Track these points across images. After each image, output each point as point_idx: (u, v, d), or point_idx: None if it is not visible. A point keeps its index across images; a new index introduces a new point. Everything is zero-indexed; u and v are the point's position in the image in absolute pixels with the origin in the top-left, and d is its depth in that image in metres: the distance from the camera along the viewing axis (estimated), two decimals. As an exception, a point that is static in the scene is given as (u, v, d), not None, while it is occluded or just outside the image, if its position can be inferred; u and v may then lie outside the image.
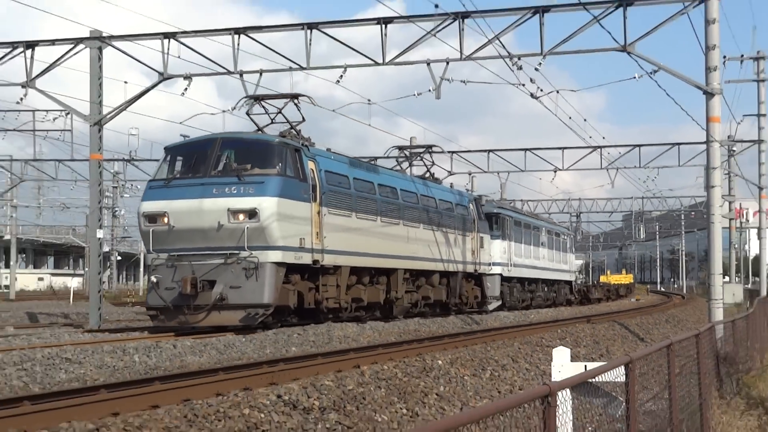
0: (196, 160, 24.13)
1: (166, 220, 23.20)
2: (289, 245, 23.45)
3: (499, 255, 42.52)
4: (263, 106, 28.00)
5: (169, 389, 12.68)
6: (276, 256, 22.91)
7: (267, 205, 22.68)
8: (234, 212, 22.66)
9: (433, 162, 40.34)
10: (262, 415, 10.69)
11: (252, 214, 22.52)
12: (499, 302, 42.09)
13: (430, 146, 40.80)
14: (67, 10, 45.53)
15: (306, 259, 24.31)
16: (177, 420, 9.61)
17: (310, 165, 25.09)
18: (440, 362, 16.46)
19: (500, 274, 42.30)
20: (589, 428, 11.31)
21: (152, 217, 23.53)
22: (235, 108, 28.71)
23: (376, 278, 29.43)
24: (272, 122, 27.86)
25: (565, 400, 7.66)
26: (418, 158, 39.84)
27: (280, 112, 27.91)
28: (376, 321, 27.70)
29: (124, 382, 13.34)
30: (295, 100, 28.02)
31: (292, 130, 27.17)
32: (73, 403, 11.22)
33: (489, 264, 40.43)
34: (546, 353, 18.34)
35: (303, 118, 28.05)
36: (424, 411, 13.53)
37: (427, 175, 38.95)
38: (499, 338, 23.36)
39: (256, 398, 11.22)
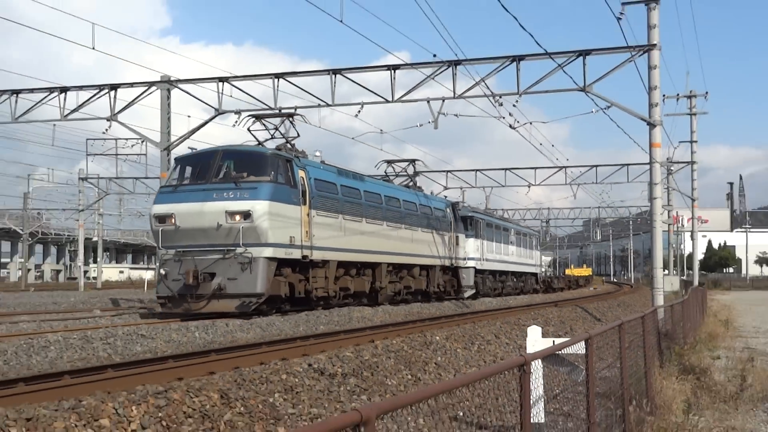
0: (201, 169, 23.01)
1: (173, 220, 22.20)
2: (279, 242, 22.31)
3: (473, 251, 41.13)
4: (263, 123, 27.02)
5: (222, 359, 12.74)
6: (267, 252, 21.82)
7: (259, 207, 21.63)
8: (231, 214, 21.63)
9: (416, 173, 39.11)
10: (297, 380, 10.71)
11: (246, 215, 21.55)
12: (473, 290, 40.92)
13: (413, 160, 39.25)
14: (143, 59, 45.40)
15: (296, 254, 23.12)
16: (229, 384, 9.64)
17: (301, 173, 23.85)
18: (438, 338, 16.46)
19: (474, 267, 40.99)
20: (557, 390, 11.32)
21: (161, 218, 22.50)
22: (235, 124, 28.48)
23: (362, 271, 28.16)
24: (272, 137, 26.84)
25: (537, 368, 7.67)
26: (402, 170, 38.43)
27: (277, 129, 26.84)
28: (363, 306, 26.77)
29: (187, 354, 13.40)
30: (290, 119, 27.08)
31: (287, 144, 26.20)
32: (147, 370, 11.29)
33: (464, 259, 39.24)
34: (522, 331, 18.29)
35: (297, 133, 27.12)
36: (425, 376, 13.54)
37: (411, 183, 37.73)
38: (484, 319, 23.35)
39: (291, 366, 11.24)
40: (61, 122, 31.66)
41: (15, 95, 31.10)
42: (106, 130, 32.05)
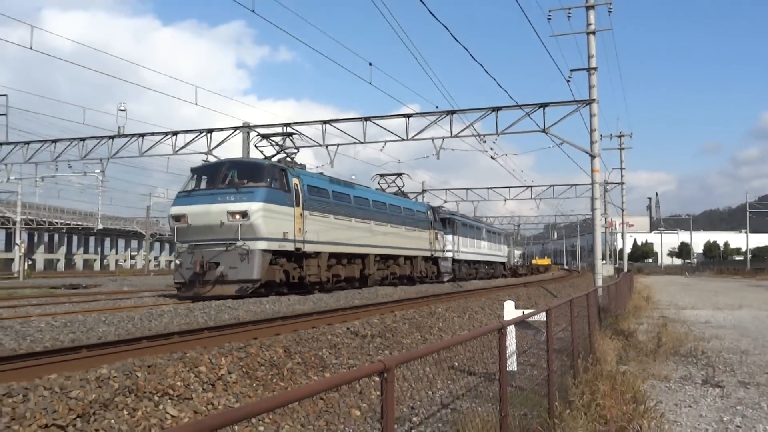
0: (210, 177, 20.98)
1: (186, 219, 20.23)
2: (273, 237, 20.13)
3: (450, 245, 38.84)
4: (269, 141, 25.03)
5: (285, 324, 12.74)
6: (262, 245, 19.72)
7: (255, 208, 19.63)
8: (231, 213, 19.64)
9: (404, 183, 36.31)
10: (338, 339, 10.70)
11: (244, 214, 19.55)
12: (451, 275, 38.36)
13: (400, 174, 35.61)
14: (230, 111, 45.73)
15: (289, 247, 20.90)
16: (290, 342, 9.65)
17: (294, 181, 21.57)
18: (440, 309, 16.39)
19: (451, 257, 38.89)
20: (525, 347, 11.24)
21: (177, 218, 20.43)
22: (251, 142, 28.33)
23: (353, 260, 25.73)
24: (280, 152, 24.74)
25: (511, 331, 7.61)
26: (392, 181, 35.61)
27: (280, 147, 24.92)
28: (354, 289, 24.73)
29: (260, 320, 13.42)
30: (290, 137, 25.19)
31: (287, 158, 24.18)
32: (231, 332, 11.31)
33: (442, 250, 36.54)
34: (500, 304, 18.22)
35: (297, 149, 25.15)
36: (431, 337, 13.49)
37: (399, 191, 35.52)
38: (473, 296, 23.22)
39: (334, 329, 11.23)
40: (173, 156, 31.87)
41: (141, 137, 31.43)
42: (204, 160, 32.21)
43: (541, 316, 7.43)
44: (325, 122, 28.71)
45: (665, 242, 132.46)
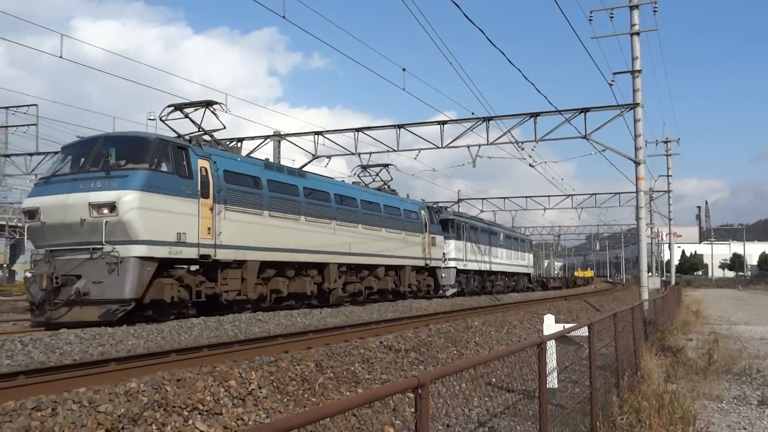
0: (78, 158, 15.83)
1: (39, 216, 15.09)
2: (158, 239, 14.91)
3: (455, 252, 33.48)
4: (184, 113, 18.70)
5: (317, 338, 12.78)
6: (140, 250, 14.49)
7: (127, 198, 14.41)
8: (95, 206, 14.43)
9: (391, 177, 29.38)
10: (371, 354, 10.70)
11: (112, 207, 14.34)
12: (456, 289, 33.40)
13: (387, 165, 29.03)
14: (262, 119, 46.25)
15: (189, 253, 15.64)
16: (322, 356, 9.68)
17: (202, 164, 16.46)
18: (476, 323, 16.30)
19: (455, 267, 33.36)
20: (567, 363, 11.09)
21: (29, 213, 15.37)
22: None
23: (305, 271, 20.39)
24: (201, 131, 18.63)
25: (551, 346, 7.54)
26: (376, 174, 28.83)
27: (199, 125, 18.66)
28: (312, 308, 19.74)
29: (291, 333, 13.48)
30: (210, 108, 18.91)
31: (205, 135, 18.41)
32: (262, 345, 11.39)
33: (442, 259, 30.81)
34: (540, 318, 18.03)
35: (223, 125, 19.68)
36: (466, 351, 13.41)
37: (383, 186, 28.54)
38: (511, 309, 23.05)
39: (367, 343, 11.24)
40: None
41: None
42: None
43: (583, 331, 7.34)
44: (357, 130, 28.85)
45: (716, 254, 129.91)
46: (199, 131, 18.51)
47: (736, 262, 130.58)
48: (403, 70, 24.29)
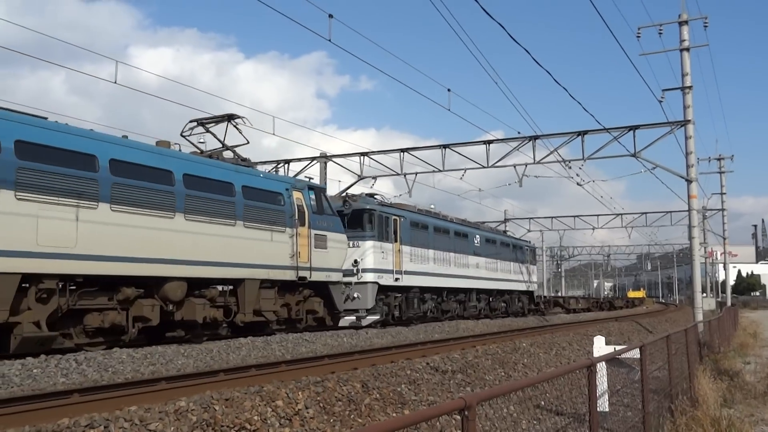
0: None
1: None
2: None
3: (374, 259, 22.28)
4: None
5: (363, 358, 12.79)
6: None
7: None
8: None
9: (247, 140, 18.71)
10: (418, 375, 10.64)
11: None
12: (379, 316, 22.20)
13: (234, 116, 17.83)
14: (310, 141, 46.97)
15: None
16: (368, 376, 9.67)
17: None
18: (524, 344, 16.07)
19: (376, 283, 22.16)
20: (618, 386, 10.84)
21: None
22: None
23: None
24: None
25: (601, 368, 7.39)
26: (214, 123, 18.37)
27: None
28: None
29: (338, 354, 13.51)
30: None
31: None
32: (309, 365, 11.45)
33: (339, 270, 19.71)
34: (589, 340, 17.68)
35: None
36: (515, 374, 13.22)
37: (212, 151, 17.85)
38: (560, 330, 22.67)
39: (414, 364, 11.18)
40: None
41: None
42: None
43: (635, 353, 7.18)
44: (402, 150, 28.97)
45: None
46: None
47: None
48: (448, 90, 24.37)
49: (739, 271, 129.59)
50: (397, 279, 23.41)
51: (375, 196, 24.62)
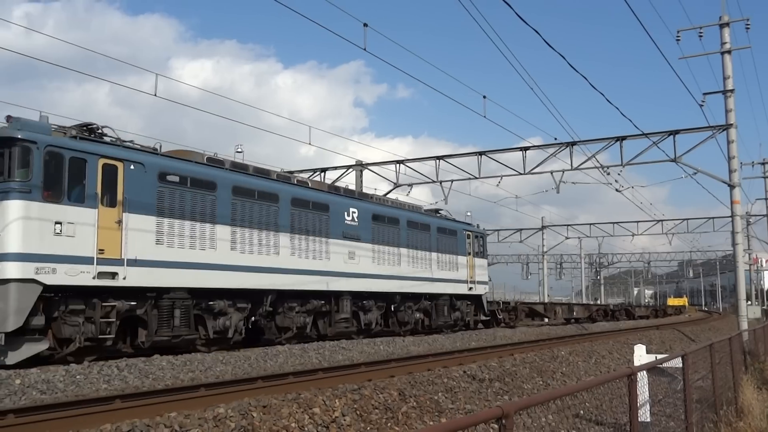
0: None
1: None
2: None
3: (30, 238, 11.58)
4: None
5: (400, 366, 12.77)
6: None
7: None
8: None
9: None
10: (455, 383, 10.58)
11: None
12: (44, 344, 11.78)
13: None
14: (347, 150, 47.21)
15: None
16: (404, 384, 9.64)
17: None
18: (563, 353, 15.87)
19: (33, 281, 11.51)
20: (660, 396, 10.63)
21: None
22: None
23: None
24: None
25: (642, 378, 7.25)
26: None
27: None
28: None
29: (374, 362, 13.52)
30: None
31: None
32: (345, 373, 11.47)
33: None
34: (630, 348, 17.37)
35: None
36: (553, 382, 13.06)
37: None
38: (599, 339, 22.35)
39: (450, 372, 11.13)
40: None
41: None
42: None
43: (677, 362, 7.03)
44: (438, 158, 28.91)
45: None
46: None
47: None
48: (484, 97, 24.26)
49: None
50: (126, 277, 13.14)
51: (104, 129, 14.06)
